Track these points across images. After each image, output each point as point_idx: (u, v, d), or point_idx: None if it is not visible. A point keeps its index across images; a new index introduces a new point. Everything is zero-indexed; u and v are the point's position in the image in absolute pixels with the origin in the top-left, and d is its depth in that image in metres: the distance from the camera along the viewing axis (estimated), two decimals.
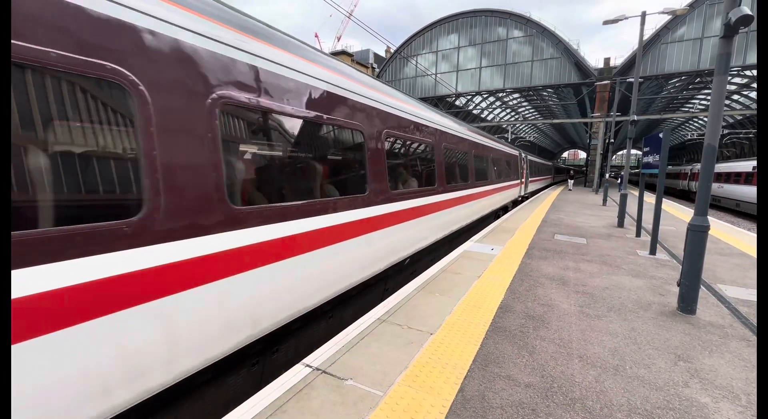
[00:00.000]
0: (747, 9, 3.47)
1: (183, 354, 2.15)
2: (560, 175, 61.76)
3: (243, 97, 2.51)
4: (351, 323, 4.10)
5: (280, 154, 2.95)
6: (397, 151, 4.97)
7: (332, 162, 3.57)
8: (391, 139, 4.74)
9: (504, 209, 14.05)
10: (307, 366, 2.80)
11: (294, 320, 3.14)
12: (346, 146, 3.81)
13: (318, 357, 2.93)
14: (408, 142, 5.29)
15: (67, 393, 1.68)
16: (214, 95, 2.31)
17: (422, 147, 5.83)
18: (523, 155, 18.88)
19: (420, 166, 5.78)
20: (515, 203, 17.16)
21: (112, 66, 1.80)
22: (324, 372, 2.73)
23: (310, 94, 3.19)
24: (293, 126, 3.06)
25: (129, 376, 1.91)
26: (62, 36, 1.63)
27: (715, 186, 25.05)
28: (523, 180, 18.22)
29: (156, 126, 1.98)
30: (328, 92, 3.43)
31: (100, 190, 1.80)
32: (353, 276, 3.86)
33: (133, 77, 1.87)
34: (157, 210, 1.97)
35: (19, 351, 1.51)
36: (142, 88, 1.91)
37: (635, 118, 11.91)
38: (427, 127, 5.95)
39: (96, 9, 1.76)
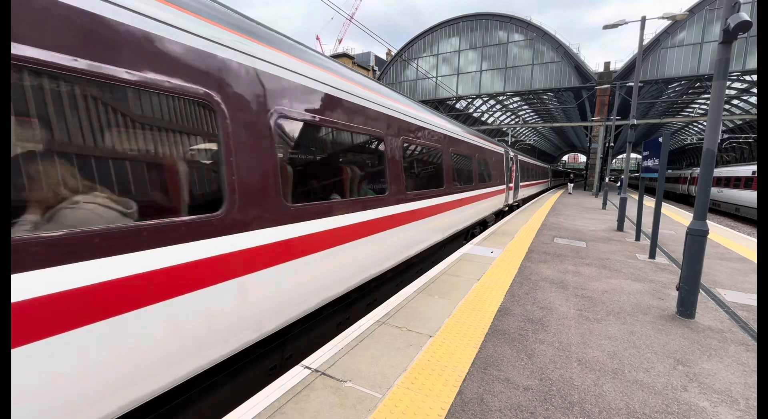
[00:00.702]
0: (746, 15, 3.50)
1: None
2: (558, 179, 56.32)
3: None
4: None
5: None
6: None
7: None
8: None
9: (482, 224, 10.67)
10: (306, 367, 2.80)
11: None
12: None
13: (317, 358, 2.94)
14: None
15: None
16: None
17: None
18: (511, 154, 14.95)
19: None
20: (498, 215, 13.36)
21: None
22: (323, 373, 2.73)
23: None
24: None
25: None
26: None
27: (714, 190, 25.09)
28: (511, 185, 14.63)
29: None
30: None
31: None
32: None
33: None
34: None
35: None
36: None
37: (635, 122, 11.94)
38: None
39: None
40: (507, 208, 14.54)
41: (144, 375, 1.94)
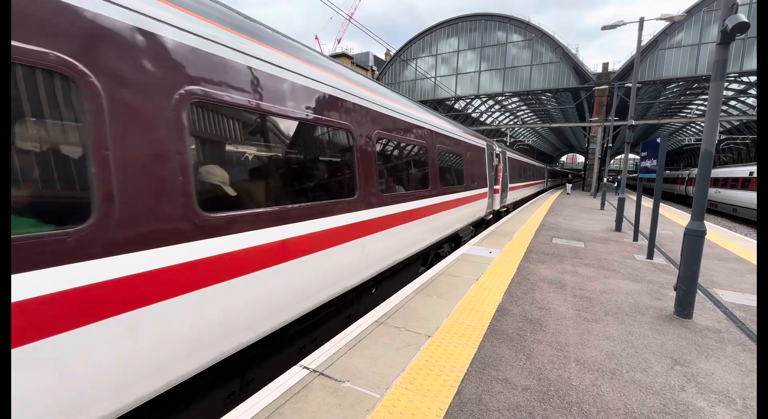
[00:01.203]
0: (743, 16, 3.51)
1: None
2: (555, 179, 53.46)
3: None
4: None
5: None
6: None
7: None
8: None
9: (454, 239, 8.26)
10: (305, 367, 2.79)
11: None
12: None
13: (315, 358, 2.93)
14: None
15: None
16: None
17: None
18: (497, 149, 12.33)
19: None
20: (478, 226, 10.83)
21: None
22: (321, 374, 2.72)
23: None
24: None
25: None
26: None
27: (712, 191, 25.19)
28: (497, 187, 12.13)
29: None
30: None
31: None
32: None
33: None
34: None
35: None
36: None
37: (633, 122, 11.98)
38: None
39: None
40: (491, 216, 11.99)
41: None
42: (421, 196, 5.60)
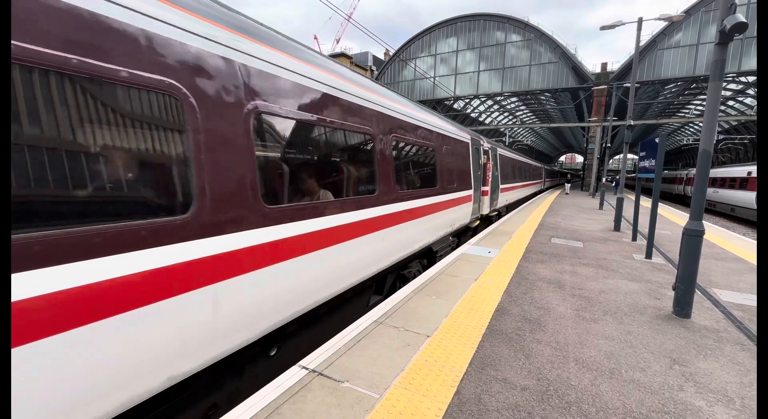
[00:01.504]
0: (741, 16, 3.52)
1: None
2: (553, 179, 50.61)
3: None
4: None
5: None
6: None
7: None
8: None
9: (426, 254, 6.67)
10: (304, 368, 2.79)
11: None
12: None
13: (314, 358, 2.93)
14: None
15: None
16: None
17: None
18: (485, 145, 10.64)
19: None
20: (461, 235, 9.07)
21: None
22: (320, 374, 2.72)
23: None
24: None
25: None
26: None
27: (710, 191, 25.26)
28: (485, 188, 10.44)
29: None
30: None
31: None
32: None
33: None
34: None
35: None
36: None
37: (632, 122, 12.00)
38: None
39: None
40: (478, 222, 10.16)
41: None
42: (365, 203, 4.07)
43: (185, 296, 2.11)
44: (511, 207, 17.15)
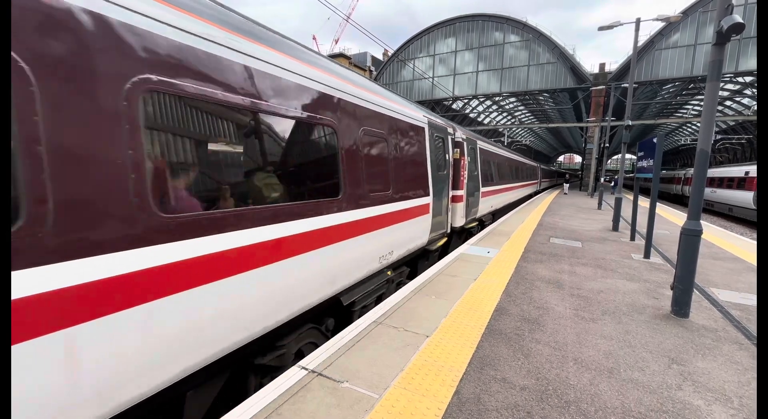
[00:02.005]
0: (738, 17, 3.53)
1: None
2: (550, 179, 48.36)
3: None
4: None
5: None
6: None
7: None
8: None
9: (331, 308, 3.98)
10: (303, 368, 2.79)
11: None
12: None
13: (314, 359, 2.93)
14: None
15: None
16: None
17: None
18: (459, 135, 8.15)
19: None
20: (416, 259, 6.71)
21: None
22: (320, 374, 2.72)
23: None
24: None
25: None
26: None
27: (708, 191, 25.35)
28: (458, 193, 7.94)
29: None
30: None
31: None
32: None
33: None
34: None
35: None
36: None
37: (630, 122, 12.04)
38: None
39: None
40: (445, 239, 7.67)
41: None
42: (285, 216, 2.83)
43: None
44: (499, 213, 14.44)
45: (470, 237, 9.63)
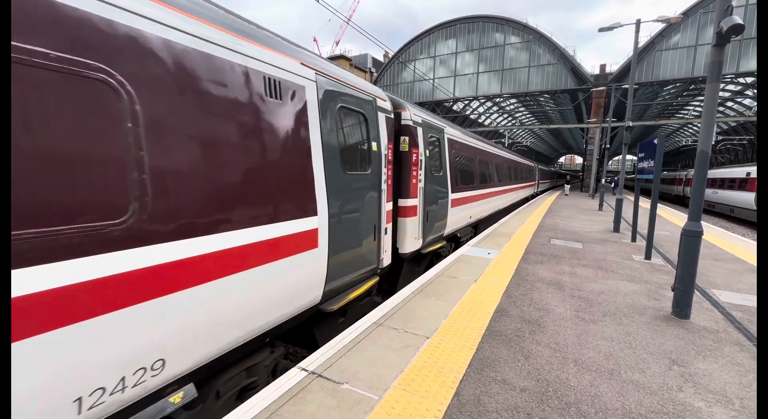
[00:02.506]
0: (738, 18, 3.54)
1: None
2: (550, 180, 46.03)
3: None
4: None
5: None
6: None
7: None
8: None
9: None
10: (303, 369, 2.79)
11: None
12: None
13: (314, 360, 2.93)
14: None
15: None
16: None
17: None
18: (410, 116, 5.59)
19: None
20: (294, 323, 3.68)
21: None
22: (320, 375, 2.72)
23: None
24: None
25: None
26: None
27: (709, 191, 25.30)
28: (410, 203, 5.56)
29: None
30: None
31: None
32: None
33: None
34: None
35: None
36: None
37: (630, 124, 12.04)
38: None
39: None
40: (375, 280, 4.61)
41: None
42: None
43: None
44: (484, 223, 11.99)
45: (438, 260, 7.46)
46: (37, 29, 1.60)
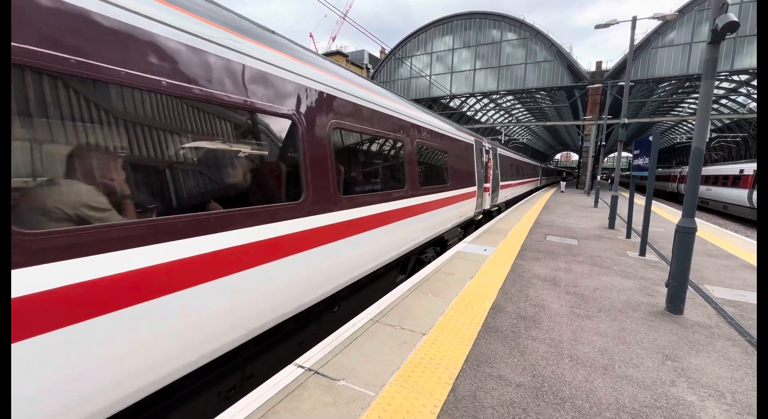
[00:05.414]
0: (733, 15, 3.55)
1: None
2: (547, 177, 46.56)
3: None
4: None
5: None
6: None
7: None
8: None
9: None
10: (300, 366, 2.79)
11: None
12: None
13: (310, 357, 2.93)
14: None
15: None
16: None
17: None
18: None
19: None
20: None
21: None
22: (316, 372, 2.72)
23: None
24: None
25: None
26: None
27: (703, 188, 25.51)
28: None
29: None
30: None
31: None
32: None
33: None
34: None
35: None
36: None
37: (626, 121, 12.09)
38: None
39: None
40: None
41: None
42: None
43: None
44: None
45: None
46: None
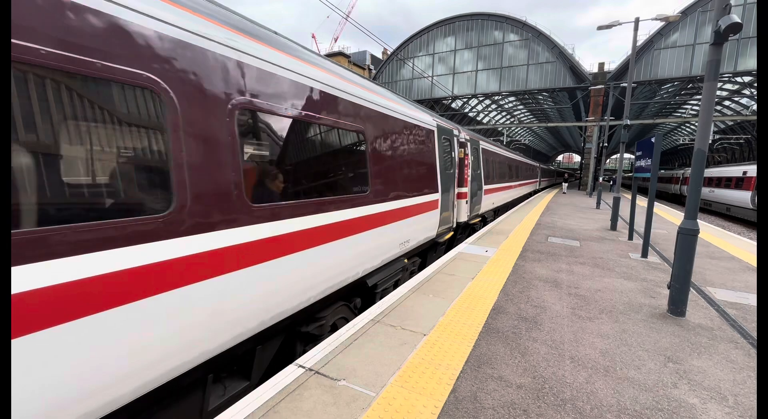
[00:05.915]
0: (736, 17, 3.54)
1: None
2: (548, 179, 44.60)
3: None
4: None
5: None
6: None
7: None
8: None
9: None
10: (300, 366, 2.80)
11: None
12: None
13: (311, 357, 2.93)
14: None
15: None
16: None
17: None
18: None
19: None
20: None
21: None
22: (317, 372, 2.72)
23: None
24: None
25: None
26: None
27: (705, 190, 25.42)
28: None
29: None
30: None
31: None
32: None
33: None
34: None
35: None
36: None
37: (628, 122, 12.05)
38: None
39: None
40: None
41: None
42: None
43: None
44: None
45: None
46: None
